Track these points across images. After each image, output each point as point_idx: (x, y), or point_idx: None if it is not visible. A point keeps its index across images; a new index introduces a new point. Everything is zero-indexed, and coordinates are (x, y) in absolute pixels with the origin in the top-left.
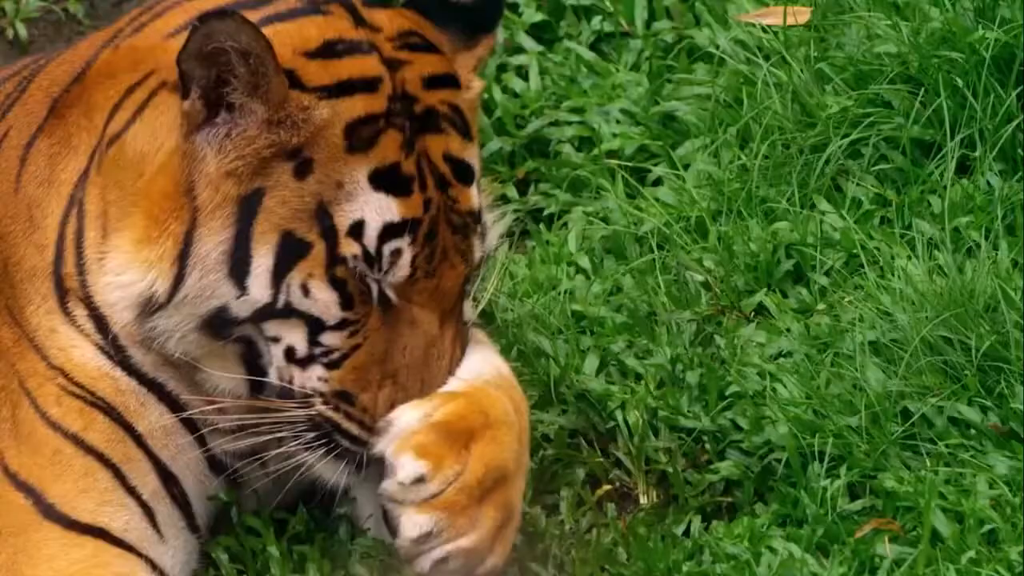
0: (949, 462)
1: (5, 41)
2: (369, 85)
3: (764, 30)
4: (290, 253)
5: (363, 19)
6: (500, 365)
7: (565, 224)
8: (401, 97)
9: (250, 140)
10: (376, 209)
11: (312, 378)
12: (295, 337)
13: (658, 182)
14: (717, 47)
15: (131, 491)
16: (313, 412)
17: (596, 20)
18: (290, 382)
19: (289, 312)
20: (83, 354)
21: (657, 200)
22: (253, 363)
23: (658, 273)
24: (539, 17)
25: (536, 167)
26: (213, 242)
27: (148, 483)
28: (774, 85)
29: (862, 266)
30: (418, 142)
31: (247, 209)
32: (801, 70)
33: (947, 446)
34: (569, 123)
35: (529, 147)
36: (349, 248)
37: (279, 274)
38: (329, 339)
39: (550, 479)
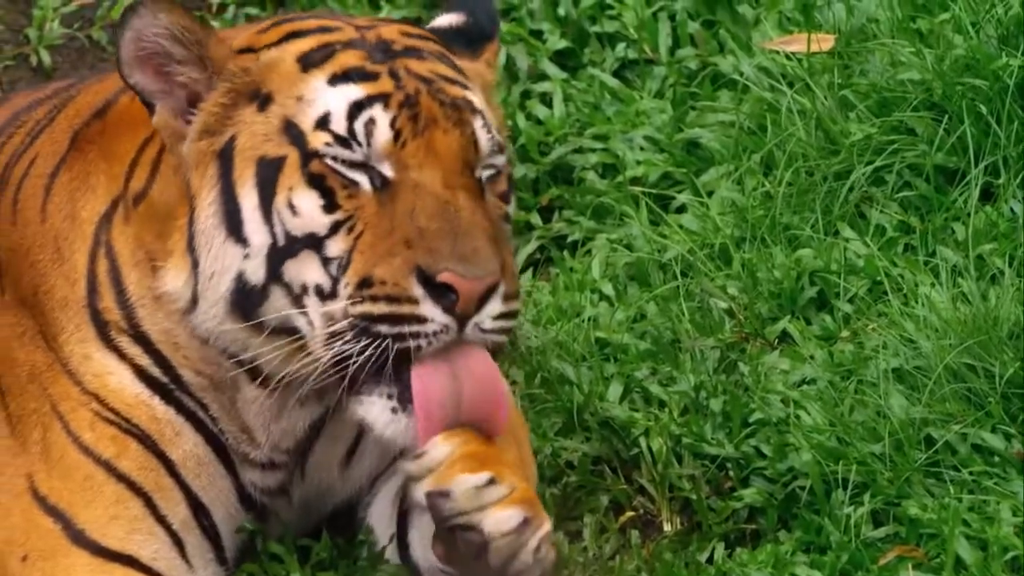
0: (973, 489)
1: (29, 68)
2: (322, 30)
3: (788, 57)
4: (268, 177)
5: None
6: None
7: (589, 251)
8: (374, 42)
9: (211, 101)
10: (338, 97)
11: (340, 293)
12: (313, 272)
13: (682, 209)
14: (741, 74)
15: (161, 520)
16: (346, 321)
17: (620, 47)
18: (333, 318)
19: (292, 244)
20: (120, 380)
21: (681, 227)
22: (298, 347)
23: (682, 300)
24: (563, 44)
25: (560, 194)
26: (207, 211)
27: (179, 513)
28: (798, 112)
29: (886, 293)
30: (394, 61)
31: (224, 161)
32: (825, 97)
33: (971, 473)
34: (593, 150)
35: (553, 174)
36: (318, 139)
37: (267, 206)
38: (332, 248)
39: (573, 506)
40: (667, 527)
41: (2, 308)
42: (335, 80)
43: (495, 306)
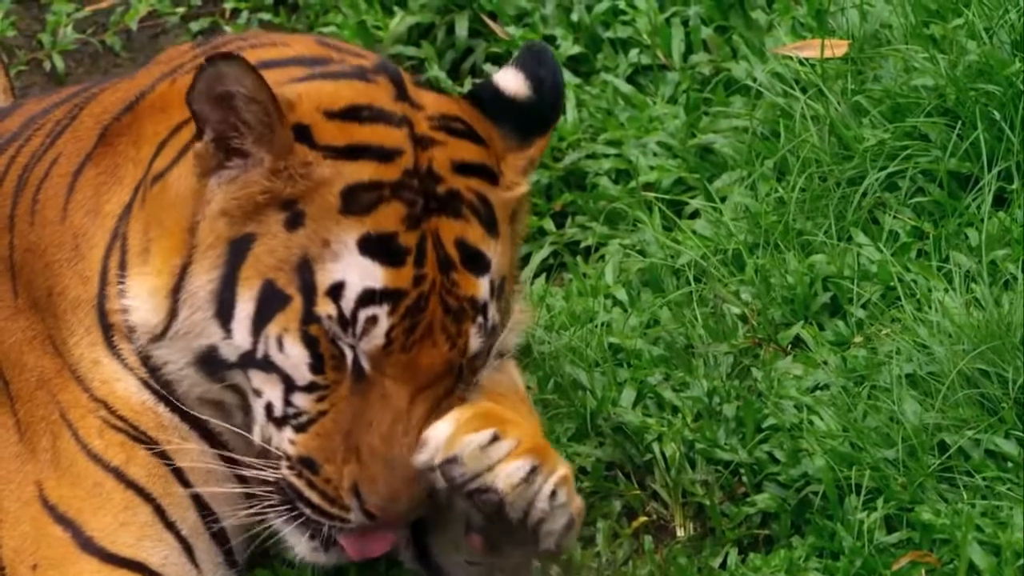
0: (986, 495)
1: (42, 73)
2: (384, 155)
3: (801, 63)
4: (270, 303)
5: (407, 95)
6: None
7: (602, 257)
8: (423, 175)
9: (249, 184)
10: (359, 273)
11: (284, 440)
12: (274, 393)
13: (695, 215)
14: (754, 80)
15: (170, 526)
16: (279, 475)
17: (633, 53)
18: (268, 442)
19: (268, 365)
20: (127, 388)
21: (694, 233)
22: (247, 416)
23: (695, 306)
24: (576, 50)
25: (573, 199)
26: (203, 280)
27: (187, 518)
28: (811, 118)
29: (899, 299)
30: (429, 220)
31: (236, 252)
32: (838, 103)
33: (984, 479)
34: (606, 155)
35: (566, 179)
36: (325, 308)
37: (259, 323)
38: (299, 400)
39: (586, 511)
40: (680, 532)
41: (15, 312)
42: (365, 246)
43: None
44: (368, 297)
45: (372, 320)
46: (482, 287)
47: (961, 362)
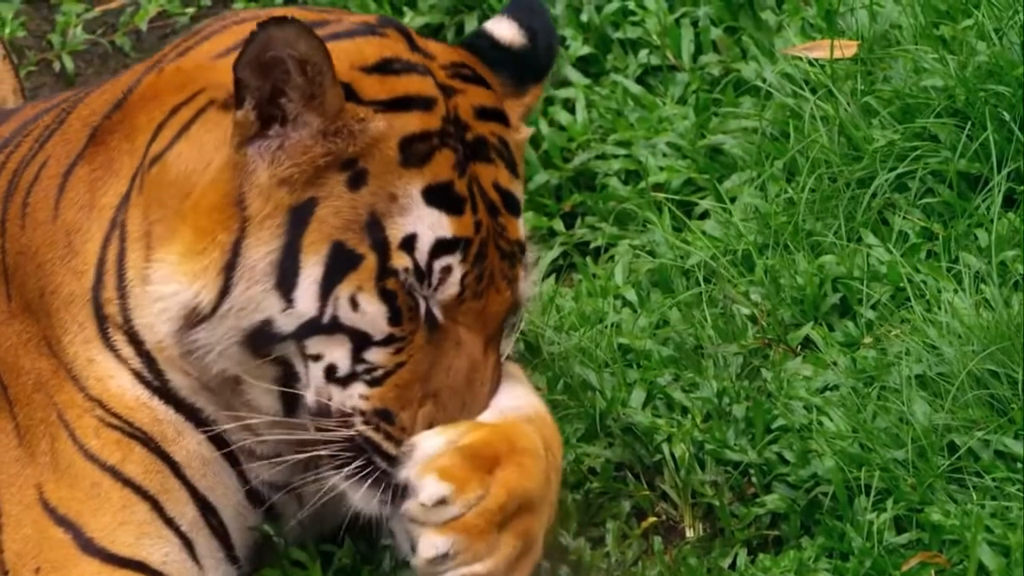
0: (995, 495)
1: (52, 74)
2: (425, 103)
3: (811, 63)
4: (340, 264)
5: (417, 45)
6: (536, 402)
7: (612, 257)
8: (454, 121)
9: (305, 149)
10: (429, 224)
11: (353, 396)
12: (338, 354)
13: (705, 215)
14: (764, 80)
15: (169, 522)
16: (353, 432)
17: (643, 53)
18: (328, 401)
19: (335, 327)
20: (120, 384)
21: (704, 233)
22: (288, 387)
23: (705, 306)
24: (586, 50)
25: (582, 200)
26: (261, 252)
27: (186, 514)
28: (821, 118)
29: (909, 300)
30: (469, 167)
31: (298, 219)
32: (848, 103)
33: (993, 479)
34: (616, 156)
35: (576, 180)
36: (400, 261)
37: (327, 286)
38: (374, 355)
39: (596, 512)
40: (689, 533)
41: (9, 317)
42: (431, 196)
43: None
44: (441, 247)
45: (447, 270)
46: (521, 227)
47: (971, 363)
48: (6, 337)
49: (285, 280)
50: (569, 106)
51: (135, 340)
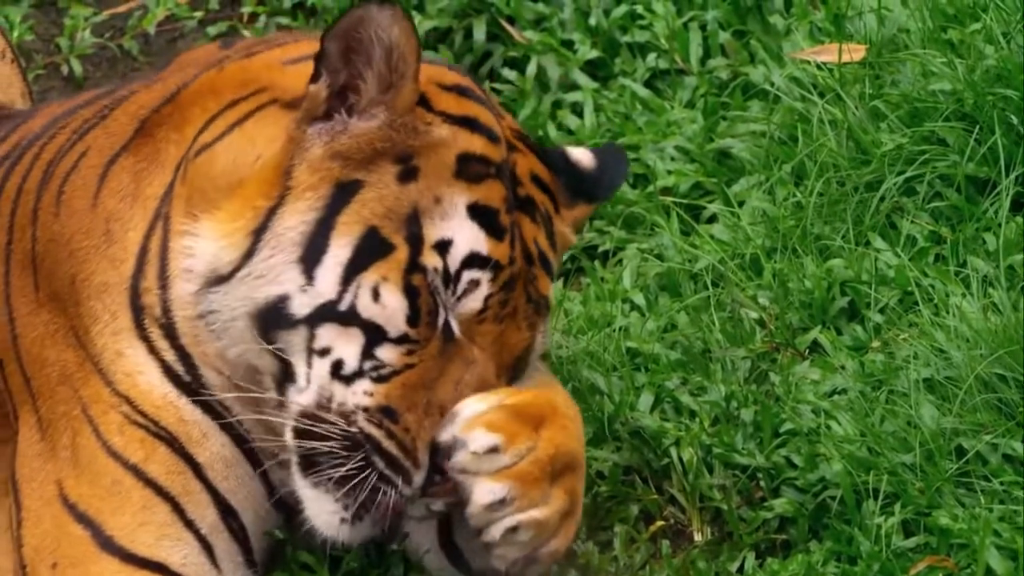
0: (1003, 499)
1: (60, 77)
2: (491, 135)
3: (819, 67)
4: (370, 251)
5: (489, 98)
6: (555, 380)
7: (620, 261)
8: (510, 171)
9: (369, 133)
10: (467, 236)
11: (357, 393)
12: (348, 349)
13: (713, 219)
14: (772, 84)
15: (189, 524)
16: (355, 429)
17: (651, 57)
18: (328, 401)
19: (350, 317)
20: (149, 380)
21: (712, 237)
22: (280, 384)
23: (713, 310)
24: (594, 54)
25: None
26: (294, 221)
27: (207, 516)
28: (829, 122)
29: (917, 303)
30: (515, 213)
31: (340, 196)
32: (856, 107)
33: (1001, 483)
34: None
35: None
36: (431, 260)
37: (352, 271)
38: (385, 353)
39: (604, 515)
40: (698, 537)
41: (36, 307)
42: (475, 212)
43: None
44: (473, 260)
45: (475, 283)
46: (551, 289)
47: (979, 366)
48: (32, 327)
49: (311, 255)
50: (577, 110)
51: (171, 334)
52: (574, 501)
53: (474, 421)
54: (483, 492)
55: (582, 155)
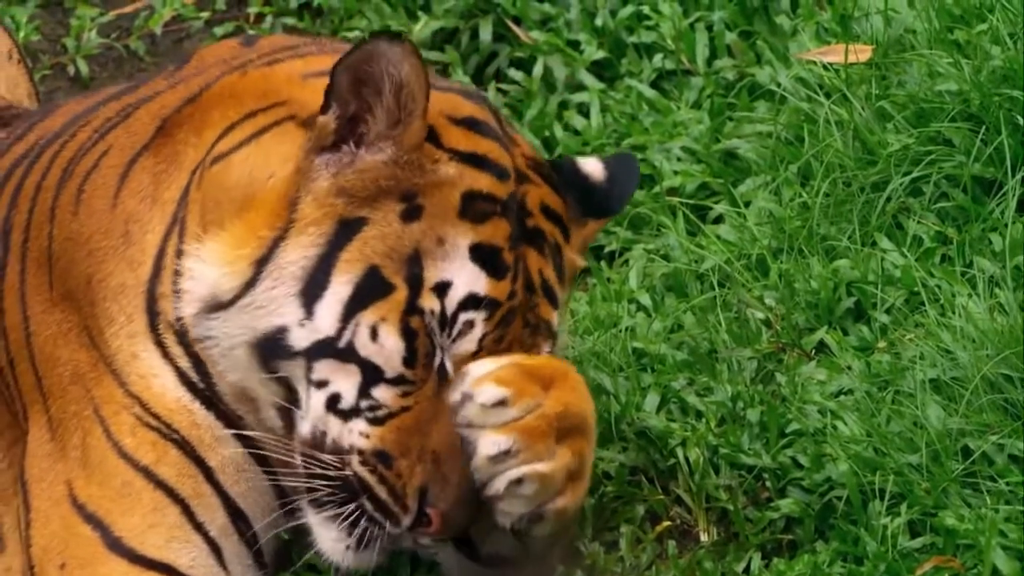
0: (1010, 500)
1: (66, 77)
2: (499, 172)
3: (825, 68)
4: (370, 290)
5: (504, 127)
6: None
7: (626, 261)
8: (519, 203)
9: (375, 169)
10: (467, 277)
11: (353, 432)
12: (345, 385)
13: (719, 219)
14: (778, 85)
15: (199, 527)
16: (348, 473)
17: (657, 58)
18: (323, 436)
19: (348, 355)
20: (163, 383)
21: (718, 237)
22: (285, 412)
23: (719, 310)
24: (601, 55)
25: None
26: (296, 255)
27: (216, 519)
28: (835, 123)
29: (923, 304)
30: (521, 247)
31: (343, 232)
32: (862, 108)
33: (1007, 484)
34: None
35: None
36: (429, 302)
37: (352, 309)
38: (381, 393)
39: (610, 516)
40: (704, 537)
41: (49, 305)
42: (477, 253)
43: None
44: (470, 302)
45: (469, 324)
46: (554, 316)
47: (985, 367)
48: (45, 326)
49: (311, 290)
50: (584, 110)
51: (185, 340)
52: (582, 462)
53: (484, 376)
54: (488, 444)
55: (593, 167)
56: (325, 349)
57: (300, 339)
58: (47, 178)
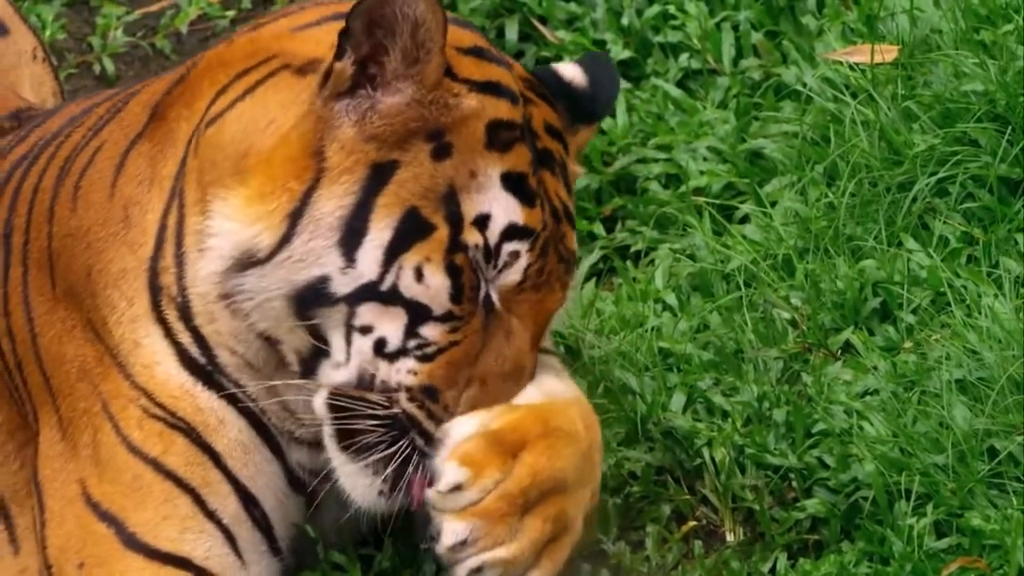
0: None
1: (92, 76)
2: (512, 97)
3: (851, 68)
4: (410, 232)
5: (496, 51)
6: (573, 386)
7: (652, 261)
8: (528, 127)
9: (398, 111)
10: (504, 208)
11: (401, 371)
12: (390, 328)
13: (745, 219)
14: (804, 85)
15: (211, 516)
16: (397, 409)
17: (683, 57)
18: (371, 378)
19: (393, 297)
20: (166, 370)
21: (744, 237)
22: (312, 360)
23: (745, 310)
24: (627, 54)
25: (623, 204)
26: (332, 205)
27: (228, 506)
28: (861, 123)
29: (949, 304)
30: (539, 171)
31: (377, 178)
32: (888, 108)
33: None
34: (656, 160)
35: (616, 184)
36: (472, 237)
37: (394, 252)
38: (429, 331)
39: (636, 516)
40: (730, 537)
41: (52, 304)
42: (508, 182)
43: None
44: (511, 232)
45: (515, 255)
46: (575, 241)
47: (1011, 367)
48: (49, 326)
49: (350, 238)
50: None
51: (186, 315)
52: (560, 525)
53: (453, 452)
54: (448, 532)
55: (573, 72)
56: (368, 294)
57: (342, 286)
58: (44, 179)
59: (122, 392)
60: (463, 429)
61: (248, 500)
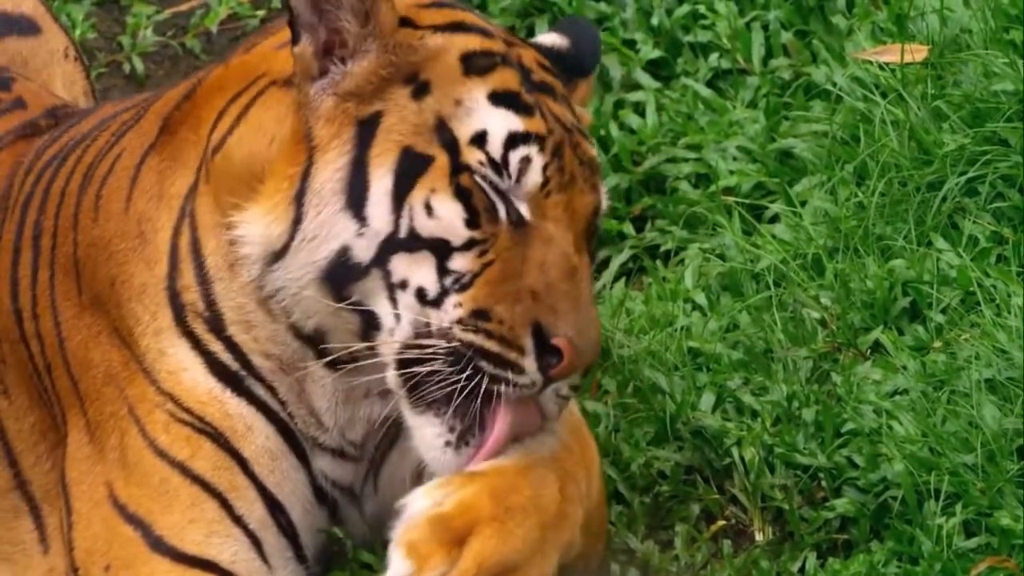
0: None
1: (122, 75)
2: (483, 31)
3: (881, 67)
4: (410, 170)
5: (461, 4)
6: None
7: (682, 261)
8: (518, 62)
9: (371, 68)
10: (499, 121)
11: (448, 309)
12: (424, 273)
13: (775, 219)
14: (834, 84)
15: (238, 521)
16: (455, 343)
17: (713, 57)
18: (427, 327)
19: (414, 241)
20: (193, 376)
21: (774, 237)
22: (367, 335)
23: (774, 310)
24: (656, 54)
25: (653, 203)
26: (329, 172)
27: (255, 512)
28: (891, 123)
29: (978, 304)
30: (536, 95)
31: (364, 132)
32: (918, 108)
33: None
34: (686, 160)
35: (646, 183)
36: (473, 155)
37: (399, 195)
38: (458, 263)
39: (665, 515)
40: (759, 537)
41: (79, 310)
42: (496, 99)
43: (576, 378)
44: (514, 139)
45: (526, 160)
46: (595, 152)
47: None
48: (77, 331)
49: (355, 197)
50: (639, 109)
51: (218, 327)
52: None
53: (401, 538)
54: None
55: (554, 39)
56: (391, 246)
57: (364, 251)
58: (70, 183)
59: (148, 396)
60: (417, 507)
61: (274, 506)
